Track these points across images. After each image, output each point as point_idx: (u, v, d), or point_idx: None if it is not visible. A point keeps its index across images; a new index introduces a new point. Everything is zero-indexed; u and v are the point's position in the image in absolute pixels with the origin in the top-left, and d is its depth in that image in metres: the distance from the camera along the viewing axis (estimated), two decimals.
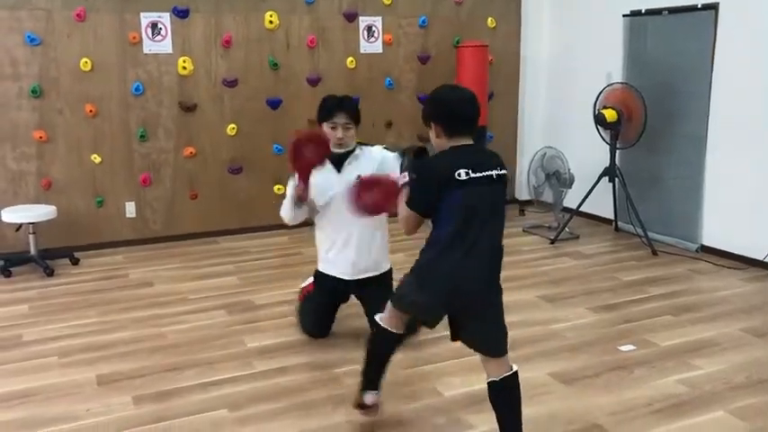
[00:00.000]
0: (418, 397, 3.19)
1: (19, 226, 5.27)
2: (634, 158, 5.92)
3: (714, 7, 5.19)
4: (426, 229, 2.54)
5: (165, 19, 5.71)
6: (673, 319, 4.13)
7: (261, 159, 6.19)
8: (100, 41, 5.57)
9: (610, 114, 5.55)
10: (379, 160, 3.62)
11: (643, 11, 5.81)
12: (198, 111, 5.95)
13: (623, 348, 3.70)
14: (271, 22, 6.03)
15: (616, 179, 5.78)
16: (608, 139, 5.75)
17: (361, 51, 6.45)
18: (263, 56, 6.09)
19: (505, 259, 2.55)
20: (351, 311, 3.96)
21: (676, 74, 5.57)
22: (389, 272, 3.83)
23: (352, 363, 3.52)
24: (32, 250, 5.24)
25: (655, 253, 5.47)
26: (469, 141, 2.50)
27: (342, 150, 3.63)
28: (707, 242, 5.47)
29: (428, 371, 3.45)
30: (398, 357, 3.54)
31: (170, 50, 5.77)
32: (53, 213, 5.30)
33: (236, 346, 3.79)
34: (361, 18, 6.38)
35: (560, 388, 3.26)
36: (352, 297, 3.86)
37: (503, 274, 2.55)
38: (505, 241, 2.52)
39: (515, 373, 2.56)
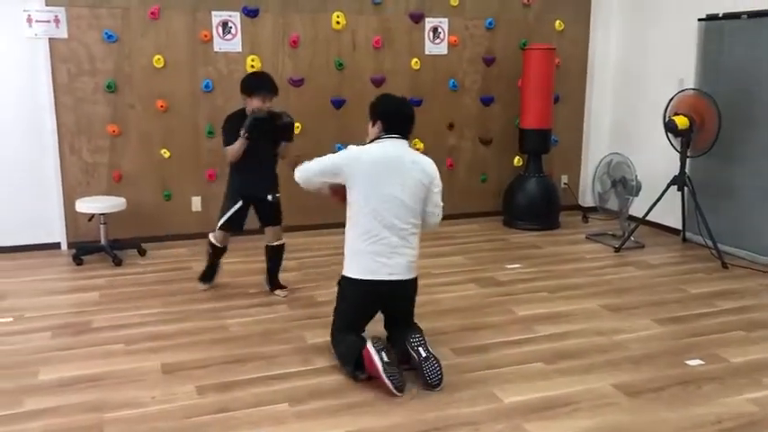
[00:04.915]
0: (478, 402, 3.16)
1: (91, 216, 5.46)
2: (705, 167, 5.72)
3: None
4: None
5: (235, 18, 5.83)
6: (744, 335, 3.97)
7: None
8: (172, 39, 5.72)
9: (681, 121, 5.38)
10: None
11: (720, 15, 5.61)
12: None
13: (691, 362, 3.58)
14: (338, 22, 6.08)
15: (685, 188, 5.60)
16: (678, 147, 5.58)
17: (426, 53, 6.43)
18: (330, 56, 6.15)
19: (568, 266, 2.53)
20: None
21: (754, 81, 5.36)
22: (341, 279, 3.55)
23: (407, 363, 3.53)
24: (103, 240, 5.42)
25: (725, 266, 5.27)
26: None
27: None
28: None
29: (488, 376, 3.41)
30: (459, 361, 3.55)
31: (239, 49, 5.88)
32: (123, 205, 5.47)
33: (297, 342, 3.83)
34: (427, 19, 6.37)
35: (625, 400, 3.18)
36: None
37: (566, 281, 2.50)
38: (568, 248, 2.48)
39: None
